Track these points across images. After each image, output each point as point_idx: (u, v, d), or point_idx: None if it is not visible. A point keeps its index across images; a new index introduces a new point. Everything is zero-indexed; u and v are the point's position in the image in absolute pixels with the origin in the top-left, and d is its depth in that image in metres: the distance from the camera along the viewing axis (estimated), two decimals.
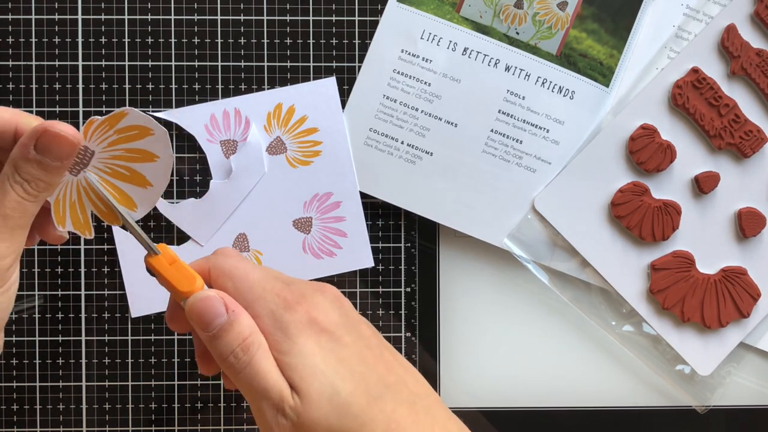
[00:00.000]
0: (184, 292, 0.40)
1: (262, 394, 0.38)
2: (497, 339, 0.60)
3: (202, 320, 0.39)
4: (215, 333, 0.39)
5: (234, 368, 0.39)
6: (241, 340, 0.39)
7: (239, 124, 0.58)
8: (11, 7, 0.58)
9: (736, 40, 0.57)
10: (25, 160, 0.38)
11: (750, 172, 0.58)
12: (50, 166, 0.38)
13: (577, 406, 0.60)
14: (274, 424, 0.38)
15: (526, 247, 0.58)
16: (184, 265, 0.41)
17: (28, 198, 0.38)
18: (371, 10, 0.59)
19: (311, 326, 0.40)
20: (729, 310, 0.58)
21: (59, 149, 0.38)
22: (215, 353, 0.39)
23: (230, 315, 0.39)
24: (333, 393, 0.39)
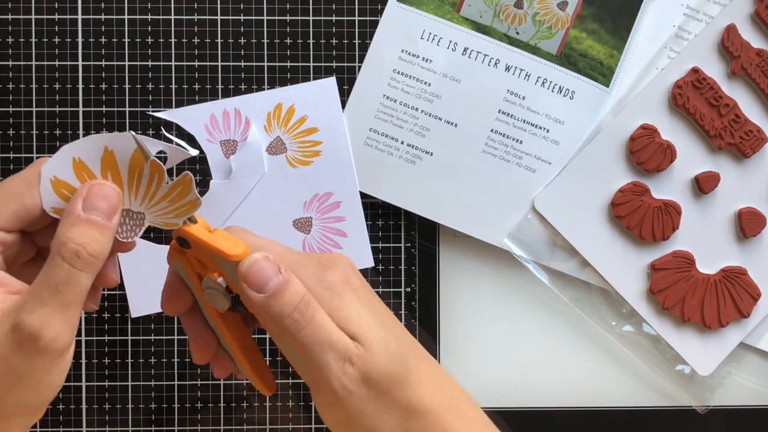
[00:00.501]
0: (236, 255, 0.39)
1: (329, 347, 0.39)
2: (497, 339, 0.60)
3: (259, 281, 0.39)
4: (272, 293, 0.39)
5: (297, 325, 0.39)
6: (300, 298, 0.39)
7: (239, 124, 0.58)
8: (11, 7, 0.58)
9: (736, 40, 0.57)
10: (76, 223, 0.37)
11: (750, 172, 0.58)
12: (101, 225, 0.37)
13: (577, 406, 0.60)
14: (341, 374, 0.39)
15: (526, 247, 0.58)
16: (224, 232, 0.40)
17: (82, 267, 0.36)
18: (371, 10, 0.59)
19: (349, 285, 0.42)
20: (729, 310, 0.58)
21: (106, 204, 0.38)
22: (273, 313, 0.39)
23: (284, 274, 0.39)
24: (387, 342, 0.41)
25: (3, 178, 0.58)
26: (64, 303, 0.36)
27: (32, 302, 0.36)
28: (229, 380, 0.59)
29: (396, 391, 0.41)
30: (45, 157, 0.41)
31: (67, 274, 0.36)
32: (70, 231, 0.36)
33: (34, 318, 0.35)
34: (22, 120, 0.58)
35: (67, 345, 0.36)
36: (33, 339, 0.35)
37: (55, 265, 0.36)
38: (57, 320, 0.36)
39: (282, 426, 0.59)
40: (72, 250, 0.36)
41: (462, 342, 0.60)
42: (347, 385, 0.40)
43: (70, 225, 0.37)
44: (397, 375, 0.41)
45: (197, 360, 0.45)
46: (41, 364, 0.36)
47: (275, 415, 0.59)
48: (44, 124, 0.58)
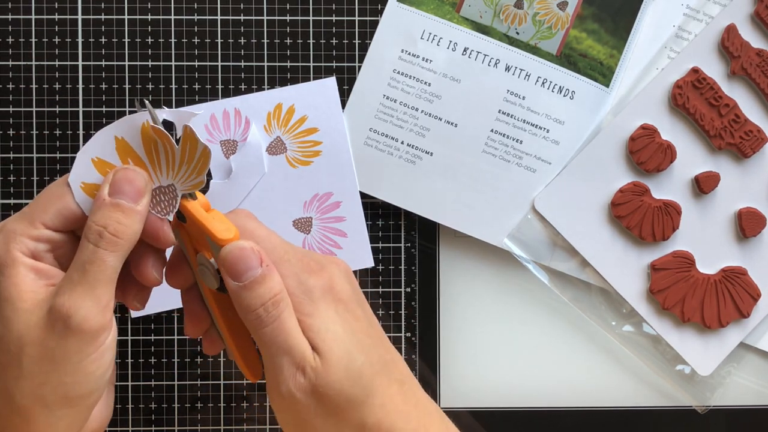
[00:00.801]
0: (223, 239, 0.39)
1: (285, 351, 0.39)
2: (497, 339, 0.60)
3: (237, 269, 0.39)
4: (247, 284, 0.39)
5: (261, 321, 0.39)
6: (273, 295, 0.39)
7: (239, 124, 0.58)
8: (11, 7, 0.58)
9: (736, 40, 0.57)
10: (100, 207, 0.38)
11: (750, 172, 0.58)
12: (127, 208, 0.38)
13: (577, 406, 0.60)
14: (291, 381, 0.39)
15: (526, 247, 0.58)
16: (220, 214, 0.40)
17: (105, 247, 0.37)
18: (371, 10, 0.59)
19: (331, 294, 0.41)
20: (729, 310, 0.58)
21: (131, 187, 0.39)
22: (243, 305, 0.39)
23: (264, 269, 0.39)
24: (350, 360, 0.40)
25: (3, 178, 0.58)
26: (91, 282, 0.37)
27: (64, 285, 0.37)
28: (229, 380, 0.59)
29: (349, 411, 0.40)
30: None
31: (91, 254, 0.37)
32: (94, 215, 0.38)
33: (65, 299, 0.37)
34: (22, 120, 0.58)
35: (100, 326, 0.37)
36: (64, 319, 0.36)
37: (82, 247, 0.38)
38: (86, 300, 0.37)
39: None
40: (95, 231, 0.38)
41: (462, 342, 0.60)
42: (295, 394, 0.39)
43: (95, 210, 0.38)
44: (352, 395, 0.40)
45: (188, 333, 0.45)
46: (75, 345, 0.37)
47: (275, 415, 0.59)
48: (44, 124, 0.58)
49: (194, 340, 0.59)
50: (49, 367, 0.37)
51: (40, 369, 0.37)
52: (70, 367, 0.37)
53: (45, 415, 0.38)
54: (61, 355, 0.37)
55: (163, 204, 0.41)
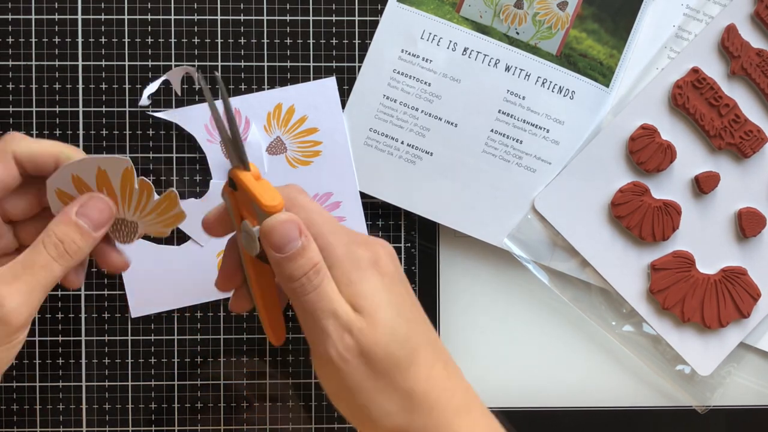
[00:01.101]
0: (268, 206, 0.41)
1: (331, 313, 0.40)
2: (497, 339, 0.60)
3: (279, 242, 0.40)
4: (289, 255, 0.40)
5: (304, 288, 0.41)
6: (313, 264, 0.41)
7: (239, 124, 0.58)
8: (11, 7, 0.58)
9: (736, 40, 0.57)
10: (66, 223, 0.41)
11: (750, 172, 0.58)
12: (87, 233, 0.42)
13: (577, 406, 0.60)
14: (339, 342, 0.40)
15: (526, 247, 0.58)
16: (268, 183, 0.42)
17: (57, 258, 0.40)
18: (371, 10, 0.59)
19: (377, 266, 0.43)
20: (729, 310, 0.58)
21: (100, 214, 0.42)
22: (285, 274, 0.41)
23: (303, 240, 0.41)
24: (396, 325, 0.41)
25: None
26: (34, 283, 0.40)
27: (5, 275, 0.40)
28: (229, 380, 0.59)
29: (397, 375, 0.41)
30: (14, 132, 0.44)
31: (44, 259, 0.40)
32: (57, 226, 0.41)
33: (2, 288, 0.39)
34: (22, 120, 0.58)
35: (23, 323, 0.40)
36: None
37: (36, 250, 0.40)
38: (22, 296, 0.39)
39: (282, 426, 0.59)
40: (53, 242, 0.41)
41: (462, 342, 0.60)
42: (344, 354, 0.40)
43: (59, 222, 0.41)
44: (399, 359, 0.41)
45: (219, 287, 0.47)
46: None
47: (275, 415, 0.59)
48: (44, 124, 0.58)
49: (194, 340, 0.59)
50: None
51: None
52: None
53: None
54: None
55: (122, 233, 0.45)
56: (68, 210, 0.41)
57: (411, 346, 0.42)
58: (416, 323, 0.43)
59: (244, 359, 0.59)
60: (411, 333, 0.42)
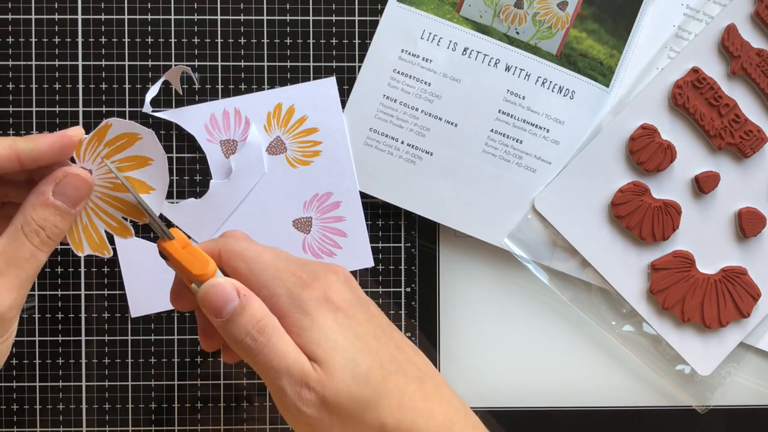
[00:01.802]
0: (198, 275, 0.40)
1: (283, 372, 0.39)
2: (497, 339, 0.60)
3: (215, 306, 0.40)
4: (228, 318, 0.39)
5: (251, 350, 0.39)
6: (255, 322, 0.39)
7: (239, 124, 0.58)
8: (11, 7, 0.58)
9: (736, 40, 0.57)
10: (43, 206, 0.39)
11: (750, 172, 0.58)
12: (66, 212, 0.40)
13: (577, 406, 0.60)
14: (297, 399, 0.39)
15: (526, 247, 0.58)
16: (197, 249, 0.41)
17: (41, 248, 0.39)
18: (371, 10, 0.59)
19: (327, 304, 0.41)
20: (729, 310, 0.58)
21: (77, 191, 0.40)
22: (230, 338, 0.40)
23: (242, 299, 0.40)
24: (354, 366, 0.40)
25: None
26: (22, 278, 0.38)
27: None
28: (229, 380, 0.59)
29: (365, 415, 0.40)
30: None
31: (28, 252, 0.38)
32: (35, 211, 0.39)
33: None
34: (22, 120, 0.58)
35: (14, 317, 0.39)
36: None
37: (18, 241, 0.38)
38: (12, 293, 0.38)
39: (282, 426, 0.59)
40: (34, 229, 0.38)
41: (462, 342, 0.60)
42: (305, 410, 0.39)
43: (36, 205, 0.39)
44: (365, 398, 0.40)
45: (205, 348, 0.45)
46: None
47: (275, 414, 0.59)
48: (44, 124, 0.58)
49: (194, 339, 0.59)
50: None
51: None
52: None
53: None
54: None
55: None
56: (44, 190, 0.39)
57: (376, 381, 0.40)
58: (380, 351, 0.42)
59: None
60: (374, 367, 0.41)
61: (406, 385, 0.42)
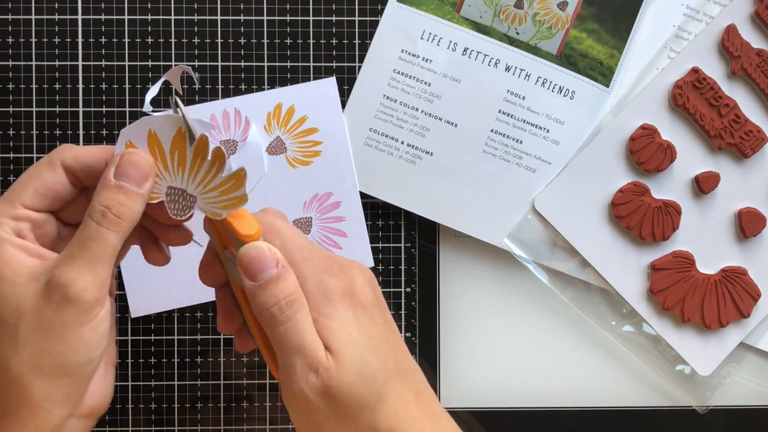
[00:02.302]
0: (245, 235, 0.40)
1: (298, 350, 0.39)
2: (497, 339, 0.60)
3: (253, 269, 0.40)
4: (262, 283, 0.40)
5: (275, 320, 0.40)
6: (287, 295, 0.40)
7: (239, 124, 0.58)
8: (11, 7, 0.58)
9: (736, 40, 0.57)
10: (106, 188, 0.40)
11: (750, 172, 0.58)
12: (130, 191, 0.40)
13: (577, 406, 0.60)
14: (303, 381, 0.39)
15: (526, 247, 0.58)
16: (246, 212, 0.41)
17: (108, 226, 0.39)
18: (371, 10, 0.59)
19: (350, 297, 0.41)
20: (729, 310, 0.58)
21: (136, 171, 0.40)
22: (258, 303, 0.40)
23: (280, 269, 0.40)
24: (363, 363, 0.40)
25: (3, 178, 0.58)
26: (92, 257, 0.38)
27: (64, 258, 0.39)
28: (229, 380, 0.59)
29: (361, 415, 0.40)
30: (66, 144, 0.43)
31: (94, 232, 0.39)
32: (99, 195, 0.39)
33: (64, 271, 0.38)
34: (22, 120, 0.58)
35: (96, 298, 0.39)
36: (62, 289, 0.38)
37: (84, 225, 0.39)
38: (85, 273, 0.38)
39: (282, 426, 0.59)
40: (99, 210, 0.39)
41: (462, 342, 0.60)
42: (308, 394, 0.39)
43: (100, 190, 0.40)
44: (364, 398, 0.40)
45: (221, 329, 0.46)
46: (71, 315, 0.38)
47: (275, 414, 0.59)
48: (44, 124, 0.58)
49: (194, 340, 0.59)
50: (45, 335, 0.38)
51: (36, 337, 0.38)
52: (67, 336, 0.39)
53: (42, 384, 0.39)
54: (58, 324, 0.38)
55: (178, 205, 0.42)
56: (106, 175, 0.40)
57: (379, 383, 0.41)
58: (389, 355, 0.42)
59: (244, 359, 0.59)
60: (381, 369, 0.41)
61: (404, 394, 0.42)
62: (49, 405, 0.39)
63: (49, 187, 0.41)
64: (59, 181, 0.41)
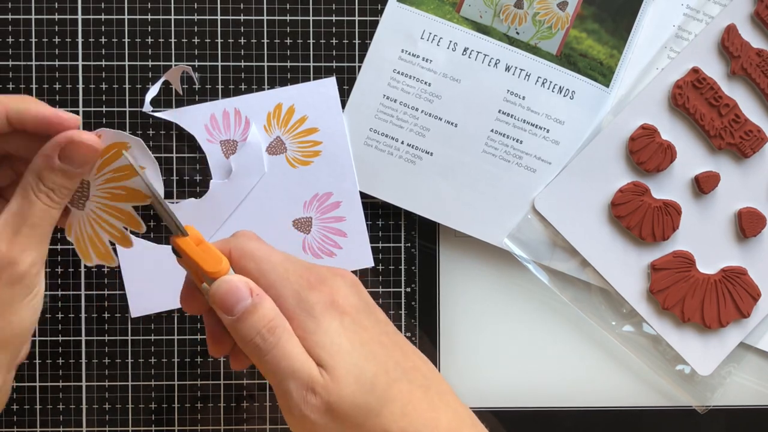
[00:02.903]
0: (211, 272, 0.40)
1: (290, 375, 0.39)
2: (497, 339, 0.60)
3: (227, 304, 0.40)
4: (240, 316, 0.39)
5: (260, 350, 0.39)
6: (266, 322, 0.39)
7: (239, 124, 0.58)
8: (11, 7, 0.58)
9: (736, 40, 0.57)
10: (50, 170, 0.40)
11: (750, 172, 0.58)
12: (73, 173, 0.40)
13: (577, 406, 0.60)
14: (303, 403, 0.39)
15: (526, 247, 0.58)
16: (210, 247, 0.41)
17: (53, 206, 0.40)
18: (371, 10, 0.59)
19: (334, 308, 0.41)
20: (729, 310, 0.58)
21: (82, 157, 0.40)
22: (239, 336, 0.40)
23: (254, 298, 0.40)
24: (359, 372, 0.40)
25: None
26: (40, 234, 0.39)
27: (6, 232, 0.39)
28: (229, 380, 0.59)
29: (368, 422, 0.40)
30: None
31: (42, 212, 0.40)
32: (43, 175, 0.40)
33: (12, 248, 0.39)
34: None
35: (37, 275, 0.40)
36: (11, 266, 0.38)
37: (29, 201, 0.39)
38: (33, 250, 0.39)
39: (282, 426, 0.59)
40: (44, 191, 0.39)
41: (462, 342, 0.60)
42: (309, 416, 0.39)
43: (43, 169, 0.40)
44: (368, 405, 0.40)
45: (212, 353, 0.45)
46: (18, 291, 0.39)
47: (275, 414, 0.59)
48: None
49: (194, 340, 0.59)
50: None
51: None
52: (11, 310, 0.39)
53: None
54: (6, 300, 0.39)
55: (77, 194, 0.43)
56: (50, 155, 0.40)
57: (381, 388, 0.40)
58: (387, 356, 0.42)
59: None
60: (379, 373, 0.41)
61: (411, 393, 0.41)
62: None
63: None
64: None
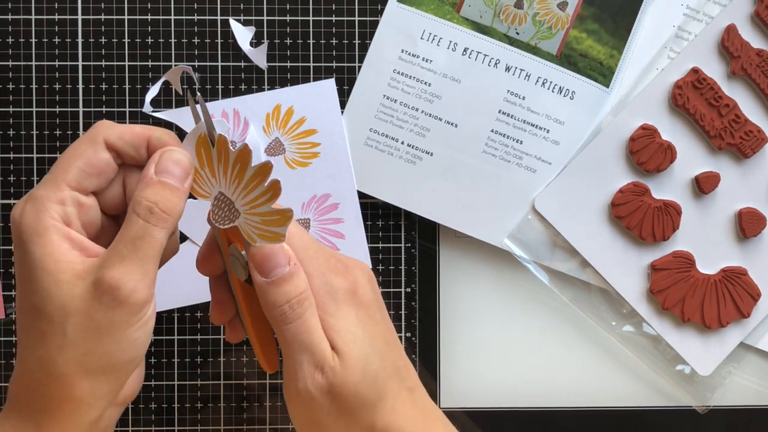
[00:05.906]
0: None
1: (306, 348, 0.40)
2: (497, 339, 0.60)
3: (266, 266, 0.40)
4: (275, 280, 0.40)
5: (285, 318, 0.40)
6: (298, 293, 0.40)
7: (238, 125, 0.58)
8: (11, 7, 0.58)
9: (736, 40, 0.57)
10: (149, 185, 0.39)
11: (750, 172, 0.58)
12: (173, 187, 0.39)
13: (577, 406, 0.60)
14: (309, 379, 0.40)
15: (526, 247, 0.58)
16: None
17: (156, 223, 0.39)
18: (371, 10, 0.59)
19: (354, 297, 0.42)
20: (729, 310, 0.58)
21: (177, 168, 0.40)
22: (268, 300, 0.40)
23: (292, 267, 0.40)
24: (367, 363, 0.41)
25: (3, 178, 0.58)
26: (141, 257, 0.38)
27: (112, 258, 0.38)
28: (229, 380, 0.59)
29: (361, 412, 0.41)
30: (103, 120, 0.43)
31: (142, 230, 0.38)
32: (143, 191, 0.39)
33: (114, 272, 0.37)
34: (22, 120, 0.58)
35: (145, 299, 0.38)
36: (112, 291, 0.37)
37: (131, 222, 0.38)
38: (134, 273, 0.38)
39: (282, 426, 0.59)
40: (145, 206, 0.38)
41: (462, 342, 0.60)
42: (312, 391, 0.40)
43: (144, 187, 0.39)
44: (366, 397, 0.41)
45: (213, 320, 0.46)
46: (121, 317, 0.38)
47: (275, 415, 0.59)
48: (44, 124, 0.58)
49: (194, 340, 0.59)
50: (94, 336, 0.38)
51: (85, 338, 0.38)
52: (116, 337, 0.38)
53: (87, 383, 0.39)
54: (107, 326, 0.38)
55: (222, 213, 0.42)
56: (146, 173, 0.39)
57: (381, 382, 0.42)
58: (388, 353, 0.43)
59: (244, 359, 0.59)
60: (382, 367, 0.42)
61: (399, 392, 0.43)
62: (92, 400, 0.39)
63: (93, 164, 0.40)
64: (102, 158, 0.41)
